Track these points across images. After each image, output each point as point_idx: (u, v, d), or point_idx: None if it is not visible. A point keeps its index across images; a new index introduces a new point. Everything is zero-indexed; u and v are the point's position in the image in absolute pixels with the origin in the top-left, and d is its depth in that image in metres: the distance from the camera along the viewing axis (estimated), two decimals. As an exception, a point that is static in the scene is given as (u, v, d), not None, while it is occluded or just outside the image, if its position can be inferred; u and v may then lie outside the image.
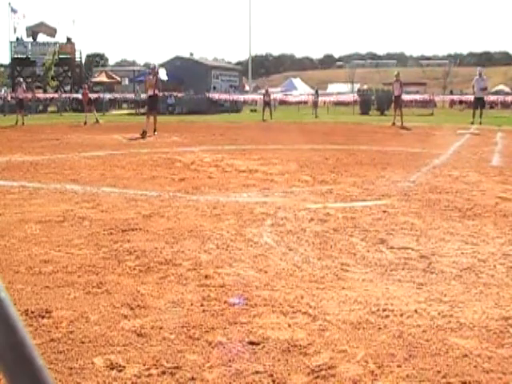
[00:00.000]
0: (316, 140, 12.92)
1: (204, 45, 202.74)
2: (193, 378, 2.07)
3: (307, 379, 2.06)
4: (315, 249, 3.82)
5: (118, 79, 44.55)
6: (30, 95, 26.92)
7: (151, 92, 15.19)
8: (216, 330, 2.48)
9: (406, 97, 26.44)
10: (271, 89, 36.42)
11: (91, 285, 3.08)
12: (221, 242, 3.95)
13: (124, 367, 2.15)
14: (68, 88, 37.55)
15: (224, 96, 33.18)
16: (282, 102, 40.19)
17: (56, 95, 32.61)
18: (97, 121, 20.79)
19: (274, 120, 23.61)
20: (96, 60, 73.74)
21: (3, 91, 34.59)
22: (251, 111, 35.59)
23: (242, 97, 35.95)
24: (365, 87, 40.55)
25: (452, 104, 39.93)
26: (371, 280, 3.17)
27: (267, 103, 25.68)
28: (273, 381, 2.05)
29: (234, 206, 5.23)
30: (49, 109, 34.31)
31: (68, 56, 37.21)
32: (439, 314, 2.65)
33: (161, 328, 2.50)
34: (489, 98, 25.94)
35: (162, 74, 30.58)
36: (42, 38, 37.83)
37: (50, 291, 2.99)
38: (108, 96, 33.19)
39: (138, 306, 2.76)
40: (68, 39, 37.87)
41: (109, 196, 5.80)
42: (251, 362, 2.19)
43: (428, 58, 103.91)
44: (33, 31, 37.32)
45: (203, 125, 19.96)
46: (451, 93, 45.58)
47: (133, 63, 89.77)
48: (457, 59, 78.65)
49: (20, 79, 22.84)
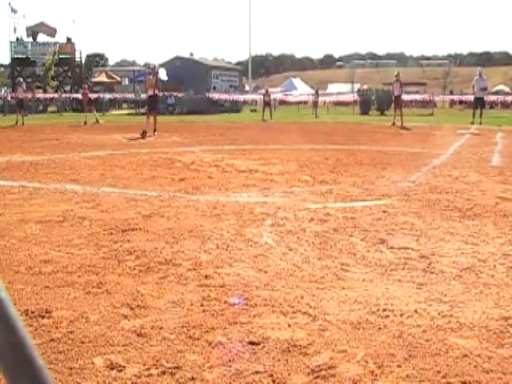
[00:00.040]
0: (316, 140, 12.92)
1: (204, 45, 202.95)
2: (193, 378, 2.07)
3: (307, 379, 2.06)
4: (315, 249, 3.82)
5: (118, 79, 44.56)
6: (30, 95, 26.90)
7: (151, 92, 15.20)
8: (216, 330, 2.48)
9: (406, 97, 26.44)
10: (271, 89, 36.43)
11: (91, 285, 3.08)
12: (221, 242, 3.95)
13: (124, 367, 2.15)
14: (68, 88, 37.57)
15: (224, 96, 33.19)
16: (282, 102, 40.19)
17: (56, 95, 32.62)
18: (97, 121, 20.80)
19: (274, 120, 23.61)
20: (96, 60, 73.76)
21: (3, 91, 34.60)
22: (251, 111, 35.58)
23: (242, 97, 35.95)
24: (365, 87, 40.56)
25: (452, 104, 39.93)
26: (371, 280, 3.17)
27: (267, 103, 25.68)
28: (273, 381, 2.05)
29: (234, 206, 5.23)
30: (49, 109, 34.31)
31: (68, 56, 37.22)
32: (439, 314, 2.65)
33: (161, 328, 2.50)
34: (489, 98, 25.94)
35: (162, 74, 30.58)
36: (42, 38, 37.88)
37: (50, 291, 2.99)
38: (108, 96, 33.20)
39: (138, 306, 2.76)
40: (68, 39, 37.88)
41: (109, 196, 5.80)
42: (251, 362, 2.19)
43: (428, 58, 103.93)
44: (33, 31, 37.34)
45: (203, 125, 19.96)
46: (451, 93, 45.58)
47: (133, 63, 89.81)
48: (457, 59, 78.67)
49: (20, 79, 22.85)
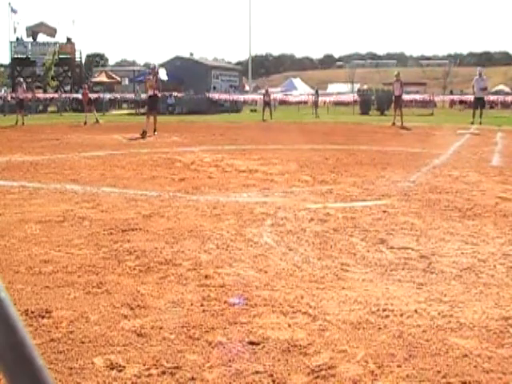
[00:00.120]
0: (316, 140, 12.92)
1: (204, 45, 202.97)
2: (193, 378, 2.07)
3: (307, 379, 2.06)
4: (315, 249, 3.82)
5: (118, 79, 44.56)
6: (30, 95, 26.91)
7: (151, 92, 15.21)
8: (216, 330, 2.48)
9: (406, 97, 26.42)
10: (271, 89, 36.44)
11: (91, 285, 3.08)
12: (221, 242, 3.95)
13: (124, 367, 2.15)
14: (68, 88, 37.57)
15: (224, 96, 33.19)
16: (282, 102, 40.19)
17: (56, 95, 32.62)
18: (97, 121, 20.80)
19: (274, 120, 23.61)
20: (96, 60, 73.78)
21: (3, 91, 34.62)
22: (251, 111, 35.58)
23: (242, 97, 35.95)
24: (365, 87, 40.53)
25: (452, 104, 39.93)
26: (371, 280, 3.17)
27: (267, 103, 25.68)
28: (273, 381, 2.05)
29: (234, 206, 5.23)
30: (49, 109, 34.31)
31: (68, 56, 37.22)
32: (439, 314, 2.65)
33: (161, 328, 2.50)
34: (489, 98, 25.93)
35: (162, 74, 30.57)
36: (42, 38, 37.88)
37: (50, 291, 2.99)
38: (108, 96, 33.20)
39: (138, 306, 2.76)
40: (68, 39, 37.89)
41: (109, 196, 5.80)
42: (251, 362, 2.19)
43: (428, 58, 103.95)
44: (33, 31, 37.34)
45: (203, 125, 19.96)
46: (451, 93, 45.59)
47: (133, 63, 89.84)
48: (457, 59, 78.70)
49: (20, 79, 22.84)
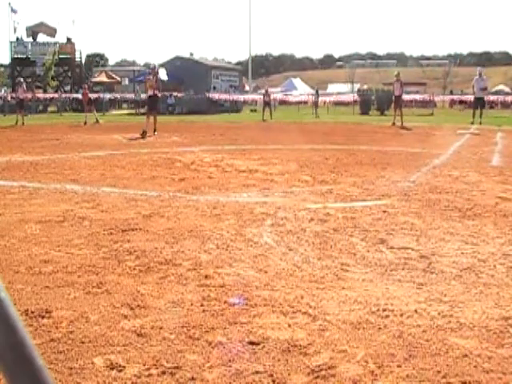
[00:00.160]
0: (316, 140, 12.92)
1: (204, 45, 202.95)
2: (193, 378, 2.07)
3: (307, 379, 2.06)
4: (315, 249, 3.82)
5: (118, 79, 44.56)
6: (30, 95, 26.91)
7: (151, 92, 15.21)
8: (216, 330, 2.48)
9: (406, 97, 26.43)
10: (271, 89, 36.45)
11: (91, 285, 3.08)
12: (221, 242, 3.95)
13: (124, 367, 2.15)
14: (68, 88, 37.57)
15: (224, 96, 33.19)
16: (282, 102, 40.19)
17: (56, 95, 32.62)
18: (97, 121, 20.80)
19: (274, 120, 23.61)
20: (96, 60, 73.77)
21: (3, 91, 34.62)
22: (251, 111, 35.58)
23: (242, 97, 35.95)
24: (365, 87, 40.54)
25: (452, 104, 39.93)
26: (371, 280, 3.17)
27: (267, 103, 25.68)
28: (273, 381, 2.05)
29: (234, 206, 5.23)
30: (49, 109, 34.31)
31: (68, 56, 37.23)
32: (439, 314, 2.65)
33: (161, 328, 2.50)
34: (489, 98, 25.93)
35: (162, 74, 30.57)
36: (42, 38, 37.89)
37: (50, 291, 2.99)
38: (108, 96, 33.20)
39: (138, 306, 2.76)
40: (68, 39, 37.89)
41: (109, 196, 5.80)
42: (251, 362, 2.19)
43: (428, 58, 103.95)
44: (33, 31, 37.34)
45: (203, 125, 19.96)
46: (451, 93, 45.60)
47: (133, 63, 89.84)
48: (457, 59, 78.72)
49: (20, 79, 22.84)
